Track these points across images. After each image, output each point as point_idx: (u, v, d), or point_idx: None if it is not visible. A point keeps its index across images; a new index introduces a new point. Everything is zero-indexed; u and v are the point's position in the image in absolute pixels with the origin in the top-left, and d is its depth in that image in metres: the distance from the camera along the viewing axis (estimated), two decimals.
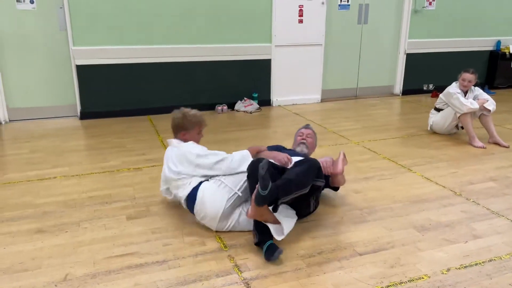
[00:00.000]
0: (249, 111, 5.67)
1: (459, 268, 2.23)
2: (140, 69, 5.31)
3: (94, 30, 5.00)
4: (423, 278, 2.15)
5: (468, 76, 4.30)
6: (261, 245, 2.32)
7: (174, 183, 2.62)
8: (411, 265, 2.25)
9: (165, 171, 2.66)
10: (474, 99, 4.33)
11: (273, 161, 2.66)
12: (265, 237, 2.32)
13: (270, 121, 5.41)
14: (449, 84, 4.52)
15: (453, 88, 4.35)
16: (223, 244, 2.44)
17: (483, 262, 2.29)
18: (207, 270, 2.21)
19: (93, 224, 2.66)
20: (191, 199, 2.55)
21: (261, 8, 5.63)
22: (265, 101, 5.98)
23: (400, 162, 3.77)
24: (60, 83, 5.16)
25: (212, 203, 2.47)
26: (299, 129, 3.27)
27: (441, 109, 4.53)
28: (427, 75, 6.89)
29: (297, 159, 2.68)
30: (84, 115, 5.21)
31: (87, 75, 5.11)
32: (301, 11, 5.82)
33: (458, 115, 4.28)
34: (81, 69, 5.07)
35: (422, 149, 4.15)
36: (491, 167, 3.68)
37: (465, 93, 4.37)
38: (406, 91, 6.81)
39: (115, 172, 3.53)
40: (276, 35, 5.77)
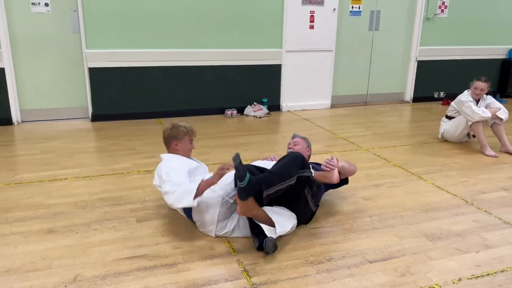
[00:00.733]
0: (258, 116, 5.68)
1: (470, 278, 2.21)
2: (151, 73, 5.35)
3: (107, 33, 5.06)
4: (434, 287, 2.13)
5: (481, 85, 4.27)
6: (263, 247, 2.34)
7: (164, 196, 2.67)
8: (422, 274, 2.23)
9: None
10: (486, 107, 4.29)
11: (258, 163, 2.67)
12: (264, 238, 2.34)
13: (279, 126, 5.42)
14: (460, 92, 4.49)
15: (465, 96, 4.32)
16: (232, 248, 2.44)
17: (494, 273, 2.26)
18: (216, 274, 2.21)
19: (103, 225, 2.67)
20: (186, 208, 2.56)
21: (272, 13, 5.65)
22: (274, 106, 5.99)
23: (410, 169, 3.75)
24: (73, 85, 5.22)
25: (207, 208, 2.50)
26: (293, 136, 3.25)
27: (453, 117, 4.49)
28: (438, 82, 6.85)
29: None
30: (95, 117, 5.26)
31: (99, 77, 5.16)
32: (312, 17, 5.84)
33: (470, 123, 4.25)
34: (93, 71, 5.12)
35: (433, 157, 4.12)
36: (503, 176, 3.64)
37: (477, 101, 4.34)
38: (416, 99, 6.77)
39: (125, 174, 3.55)
40: (287, 41, 5.79)
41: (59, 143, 4.39)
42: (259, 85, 5.86)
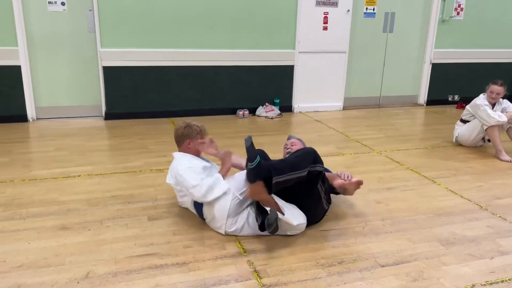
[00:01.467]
0: (270, 116, 5.67)
1: (484, 285, 2.17)
2: (164, 72, 5.38)
3: (121, 33, 5.10)
4: None
5: (497, 88, 4.21)
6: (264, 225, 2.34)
7: (179, 192, 2.76)
8: (435, 280, 2.19)
9: None
10: (502, 111, 4.23)
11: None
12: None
13: (291, 127, 5.40)
14: (474, 95, 4.43)
15: (481, 100, 4.26)
16: (243, 248, 2.44)
17: (509, 280, 2.22)
18: (227, 274, 2.20)
19: (115, 223, 2.69)
20: (198, 203, 2.60)
21: (286, 14, 5.64)
22: (286, 107, 5.97)
23: (423, 173, 3.70)
24: (87, 83, 5.28)
25: (217, 203, 2.51)
26: (289, 137, 3.31)
27: (467, 121, 4.44)
28: (452, 85, 6.77)
29: None
30: (108, 116, 5.30)
31: (113, 76, 5.21)
32: (326, 18, 5.81)
33: (485, 127, 4.19)
34: (107, 70, 5.17)
35: (446, 161, 4.07)
36: None
37: (493, 105, 4.27)
38: (430, 102, 6.70)
39: (137, 172, 3.57)
40: (300, 42, 5.77)
41: (72, 140, 4.44)
42: (271, 85, 5.86)
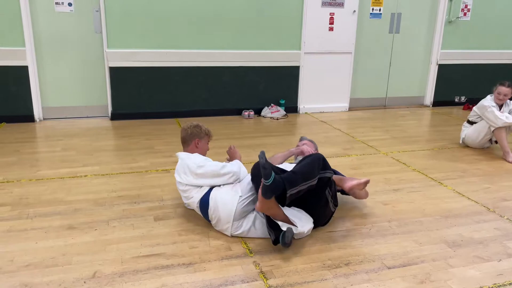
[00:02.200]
0: (275, 117, 5.67)
1: (492, 287, 2.15)
2: (170, 73, 5.40)
3: (128, 33, 5.12)
4: None
5: (504, 90, 4.18)
6: (279, 240, 2.33)
7: (184, 194, 2.72)
8: (442, 282, 2.18)
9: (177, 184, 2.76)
10: (510, 113, 4.20)
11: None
12: (280, 232, 2.34)
13: (297, 128, 5.39)
14: (482, 97, 4.40)
15: (488, 101, 4.23)
16: (249, 249, 2.44)
17: None
18: (233, 275, 2.20)
19: (121, 223, 2.70)
20: (204, 205, 2.59)
21: (291, 15, 5.63)
22: (292, 108, 5.97)
23: (430, 175, 3.68)
24: (93, 84, 5.30)
25: (224, 205, 2.51)
26: (301, 139, 3.36)
27: (474, 122, 4.41)
28: (459, 87, 6.73)
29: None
30: (114, 116, 5.33)
31: (119, 77, 5.23)
32: (332, 18, 5.80)
33: (493, 129, 4.16)
34: (114, 71, 5.19)
35: (453, 162, 4.05)
36: None
37: (500, 106, 4.24)
38: (436, 103, 6.67)
39: (144, 173, 3.58)
40: (306, 42, 5.77)
41: (79, 140, 4.46)
42: (277, 86, 5.86)
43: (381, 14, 6.15)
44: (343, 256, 2.40)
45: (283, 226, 2.34)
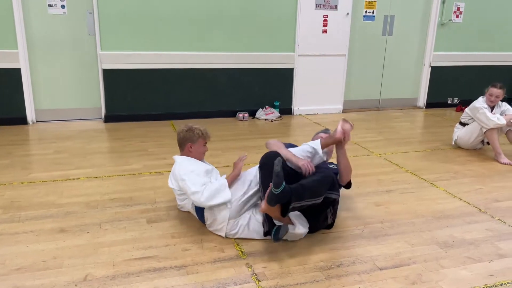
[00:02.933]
0: (270, 119, 5.68)
1: None
2: (164, 75, 5.39)
3: (121, 35, 5.11)
4: None
5: (496, 91, 4.21)
6: (270, 233, 2.37)
7: (177, 196, 2.75)
8: (434, 283, 2.19)
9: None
10: (501, 114, 4.23)
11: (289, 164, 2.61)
12: (274, 226, 2.39)
13: (291, 130, 5.40)
14: (474, 98, 4.43)
15: (480, 103, 4.26)
16: (242, 251, 2.44)
17: (508, 283, 2.21)
18: (225, 277, 2.20)
19: (113, 226, 2.69)
20: (198, 207, 2.60)
21: (285, 17, 5.65)
22: (286, 110, 5.98)
23: (423, 176, 3.70)
24: (87, 86, 5.29)
25: (218, 207, 2.52)
26: (318, 132, 3.11)
27: (467, 124, 4.44)
28: (452, 88, 6.77)
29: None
30: (108, 118, 5.31)
31: (113, 79, 5.22)
32: (325, 21, 5.82)
33: (484, 130, 4.19)
34: (107, 73, 5.18)
35: (446, 163, 4.07)
36: None
37: (492, 108, 4.27)
38: (429, 104, 6.70)
39: (137, 175, 3.57)
40: (300, 45, 5.78)
41: (72, 143, 4.44)
42: (271, 88, 5.87)
43: (374, 16, 6.18)
44: (335, 257, 2.40)
45: (283, 226, 2.36)
